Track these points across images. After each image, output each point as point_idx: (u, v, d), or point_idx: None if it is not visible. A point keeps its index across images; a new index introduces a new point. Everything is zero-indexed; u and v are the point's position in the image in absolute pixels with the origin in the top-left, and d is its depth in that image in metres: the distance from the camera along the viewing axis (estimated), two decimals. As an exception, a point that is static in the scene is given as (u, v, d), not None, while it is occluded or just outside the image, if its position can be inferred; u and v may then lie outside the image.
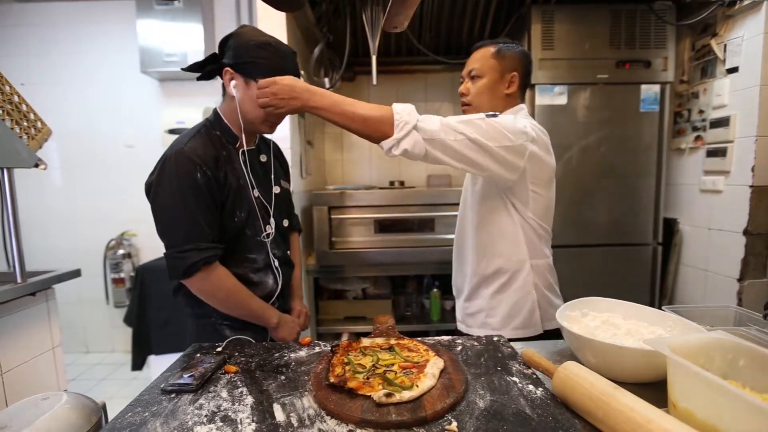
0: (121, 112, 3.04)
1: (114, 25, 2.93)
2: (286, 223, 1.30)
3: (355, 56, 2.67)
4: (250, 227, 1.16)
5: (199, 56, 2.70)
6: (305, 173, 2.45)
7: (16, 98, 1.40)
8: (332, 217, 2.25)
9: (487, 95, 1.23)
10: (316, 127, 2.87)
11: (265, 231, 1.18)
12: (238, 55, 1.07)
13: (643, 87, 2.18)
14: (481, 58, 1.23)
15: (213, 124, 1.15)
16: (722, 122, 1.98)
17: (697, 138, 2.16)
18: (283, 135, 2.04)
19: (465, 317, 1.35)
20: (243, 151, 1.17)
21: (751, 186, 1.84)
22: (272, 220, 1.20)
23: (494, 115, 1.09)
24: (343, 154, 3.24)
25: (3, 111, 1.35)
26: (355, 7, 2.26)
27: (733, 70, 1.94)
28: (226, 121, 1.15)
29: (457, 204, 1.40)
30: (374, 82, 1.96)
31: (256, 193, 1.17)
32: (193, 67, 1.13)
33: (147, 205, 1.09)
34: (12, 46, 2.95)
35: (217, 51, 1.14)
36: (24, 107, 1.43)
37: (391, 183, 2.99)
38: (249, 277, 1.17)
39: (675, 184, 2.34)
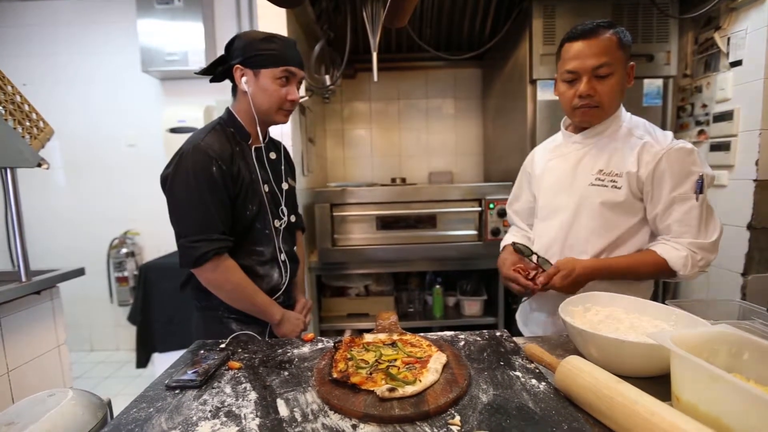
0: (122, 111, 3.04)
1: (115, 24, 2.94)
2: (293, 218, 1.34)
3: (356, 53, 2.66)
4: (260, 220, 1.19)
5: (200, 55, 2.71)
6: (307, 170, 2.45)
7: (18, 98, 1.41)
8: (334, 214, 2.25)
9: (618, 95, 1.06)
10: (317, 124, 2.87)
11: (274, 224, 1.21)
12: (245, 52, 1.12)
13: (646, 81, 2.16)
14: (608, 51, 1.00)
15: (226, 122, 1.19)
16: (726, 116, 1.97)
17: (701, 132, 2.14)
18: (285, 132, 2.04)
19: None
20: (255, 148, 1.21)
21: (755, 180, 1.82)
22: (280, 214, 1.24)
23: (701, 190, 1.09)
24: (345, 151, 3.23)
25: (5, 111, 1.36)
26: (355, 3, 2.25)
27: (736, 63, 1.93)
28: (239, 118, 1.19)
29: (459, 200, 1.40)
30: (375, 78, 1.95)
31: (266, 188, 1.21)
32: (205, 71, 1.18)
33: (150, 204, 1.11)
34: (13, 47, 2.96)
35: (221, 53, 1.18)
36: (26, 107, 1.44)
37: (393, 180, 2.99)
38: (255, 270, 1.19)
39: (678, 178, 2.32)
